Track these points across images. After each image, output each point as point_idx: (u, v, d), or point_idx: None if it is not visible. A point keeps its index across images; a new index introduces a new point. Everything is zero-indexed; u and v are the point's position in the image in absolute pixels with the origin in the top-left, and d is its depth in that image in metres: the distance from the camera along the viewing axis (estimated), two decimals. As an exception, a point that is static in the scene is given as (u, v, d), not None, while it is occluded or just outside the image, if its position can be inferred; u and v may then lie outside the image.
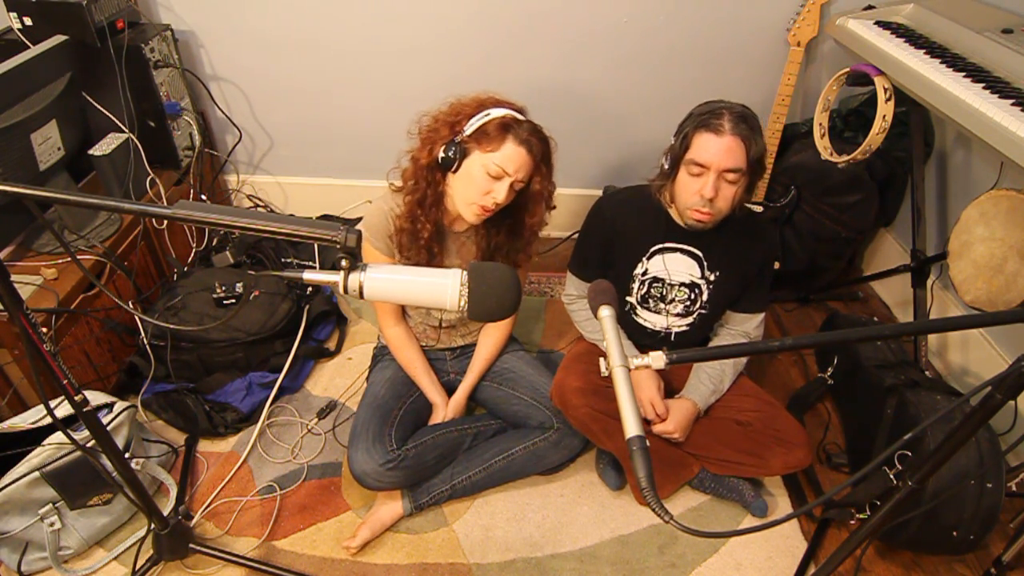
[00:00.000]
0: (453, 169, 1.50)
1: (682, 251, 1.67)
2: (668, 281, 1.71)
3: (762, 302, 1.76)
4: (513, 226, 1.63)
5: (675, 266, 1.69)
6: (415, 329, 1.85)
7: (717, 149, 1.45)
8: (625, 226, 1.69)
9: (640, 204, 1.67)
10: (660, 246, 1.68)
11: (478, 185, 1.48)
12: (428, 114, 1.56)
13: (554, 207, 1.63)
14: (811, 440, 1.72)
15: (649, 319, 1.77)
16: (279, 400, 2.05)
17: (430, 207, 1.57)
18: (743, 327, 1.79)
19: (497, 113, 1.47)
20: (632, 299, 1.76)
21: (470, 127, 1.47)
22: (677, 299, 1.72)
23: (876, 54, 1.87)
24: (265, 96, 2.54)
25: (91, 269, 1.89)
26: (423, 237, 1.58)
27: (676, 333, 1.77)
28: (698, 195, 1.50)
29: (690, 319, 1.75)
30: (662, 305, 1.74)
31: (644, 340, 1.80)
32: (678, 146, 1.52)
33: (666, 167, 1.57)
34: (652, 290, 1.73)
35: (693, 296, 1.71)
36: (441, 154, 1.49)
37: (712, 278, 1.69)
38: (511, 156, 1.45)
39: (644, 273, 1.71)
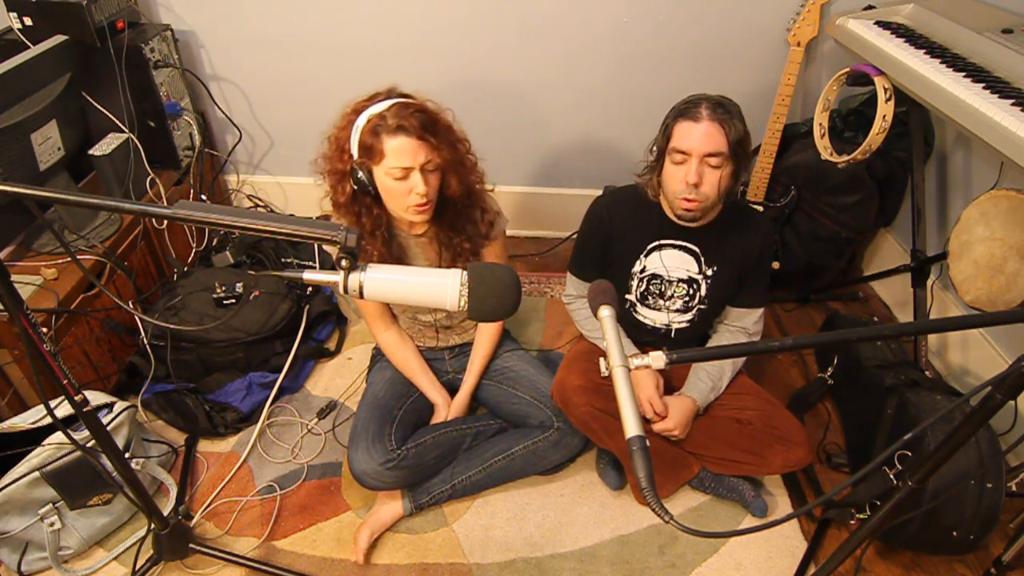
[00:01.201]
0: (373, 193, 1.50)
1: (679, 247, 1.68)
2: (666, 277, 1.71)
3: (760, 297, 1.77)
4: (452, 203, 1.62)
5: (672, 262, 1.69)
6: (410, 330, 1.85)
7: (697, 135, 1.48)
8: (622, 224, 1.70)
9: (635, 202, 1.68)
10: (657, 243, 1.68)
11: (397, 191, 1.48)
12: (319, 156, 1.56)
13: (474, 163, 1.61)
14: (811, 440, 1.72)
15: (649, 316, 1.78)
16: (279, 400, 2.05)
17: (372, 232, 1.58)
18: (742, 323, 1.79)
19: (361, 122, 1.45)
20: (632, 297, 1.76)
21: (354, 149, 1.47)
22: (676, 295, 1.73)
23: (876, 54, 1.87)
24: (265, 96, 2.54)
25: (91, 269, 1.89)
26: (373, 259, 1.58)
27: (676, 329, 1.78)
28: (683, 182, 1.52)
29: (690, 315, 1.75)
30: (661, 302, 1.74)
31: (645, 337, 1.81)
32: (661, 138, 1.57)
33: (652, 160, 1.61)
34: (651, 287, 1.73)
35: (692, 291, 1.72)
36: (354, 186, 1.50)
37: (710, 273, 1.69)
38: (397, 150, 1.43)
39: (642, 270, 1.71)
